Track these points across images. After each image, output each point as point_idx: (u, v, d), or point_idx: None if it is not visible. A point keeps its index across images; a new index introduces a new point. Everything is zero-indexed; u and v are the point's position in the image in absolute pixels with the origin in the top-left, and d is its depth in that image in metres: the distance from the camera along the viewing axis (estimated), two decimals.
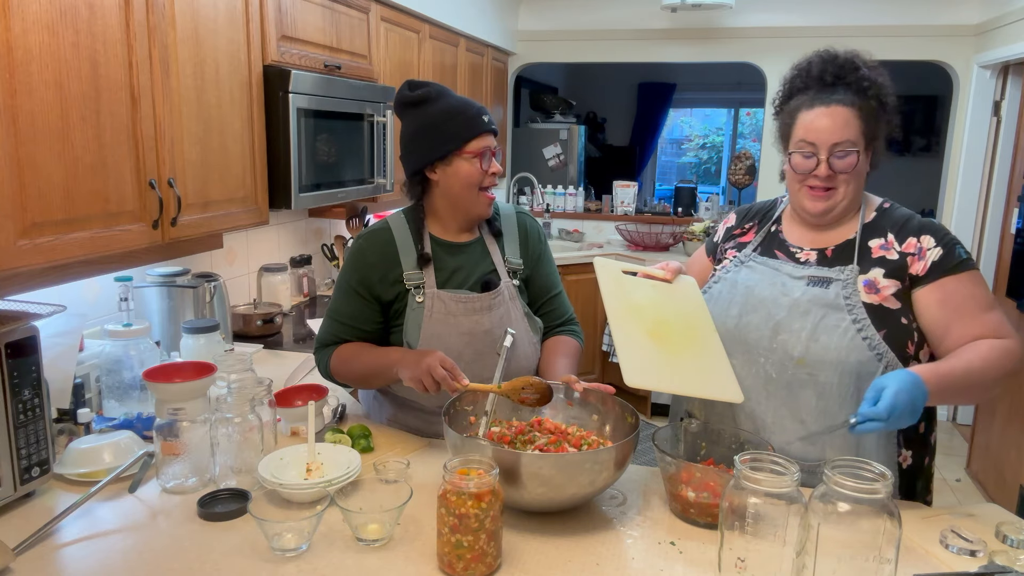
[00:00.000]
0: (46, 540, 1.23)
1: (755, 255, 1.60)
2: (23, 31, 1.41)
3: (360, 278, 1.64)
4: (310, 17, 2.46)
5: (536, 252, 1.75)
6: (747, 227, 1.68)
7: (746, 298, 1.53)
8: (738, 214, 1.72)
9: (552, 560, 1.19)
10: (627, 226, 4.86)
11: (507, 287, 1.67)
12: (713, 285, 1.63)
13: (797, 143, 1.48)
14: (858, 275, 1.46)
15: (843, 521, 1.02)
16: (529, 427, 1.48)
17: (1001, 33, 3.78)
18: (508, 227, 1.73)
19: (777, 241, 1.59)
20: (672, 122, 8.71)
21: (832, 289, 1.46)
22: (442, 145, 1.57)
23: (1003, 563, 1.16)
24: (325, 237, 3.45)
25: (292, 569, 1.15)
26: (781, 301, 1.49)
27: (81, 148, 1.57)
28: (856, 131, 1.44)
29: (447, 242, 1.67)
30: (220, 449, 1.41)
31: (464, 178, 1.59)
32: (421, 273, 1.62)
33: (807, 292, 1.47)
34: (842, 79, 1.49)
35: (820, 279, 1.48)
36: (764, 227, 1.63)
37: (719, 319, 1.55)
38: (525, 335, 1.68)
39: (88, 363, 1.77)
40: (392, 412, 1.76)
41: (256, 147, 2.23)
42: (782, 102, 1.58)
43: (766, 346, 1.48)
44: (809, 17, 4.44)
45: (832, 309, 1.44)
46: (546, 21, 4.91)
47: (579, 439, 1.43)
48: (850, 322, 1.42)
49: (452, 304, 1.62)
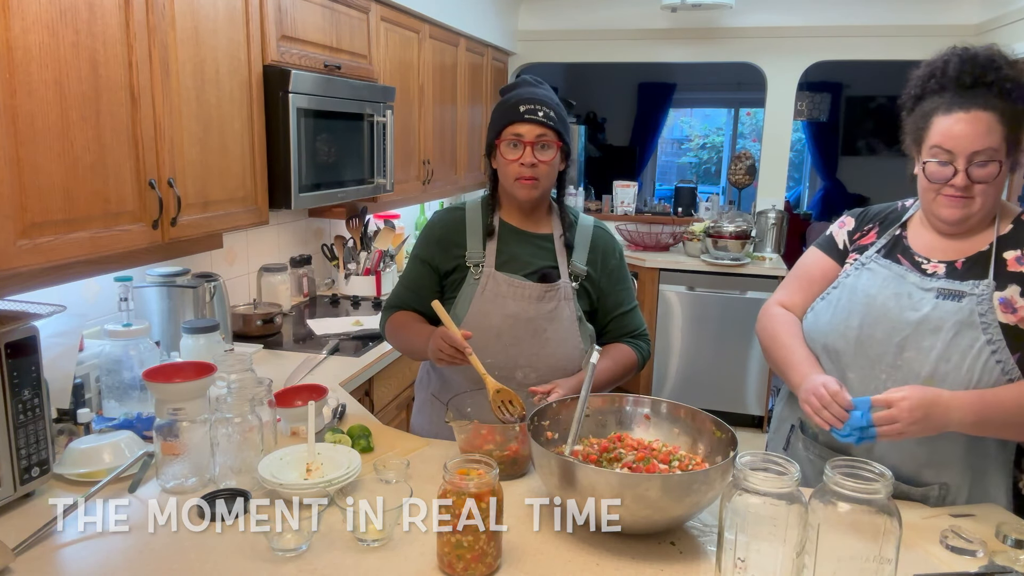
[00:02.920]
0: (46, 540, 1.23)
1: (878, 257, 1.48)
2: (23, 31, 1.41)
3: (424, 246, 1.78)
4: (310, 17, 2.46)
5: (610, 267, 1.78)
6: (867, 229, 1.56)
7: (867, 308, 1.43)
8: (856, 217, 1.59)
9: (552, 560, 1.19)
10: (627, 226, 4.86)
11: (565, 286, 1.71)
12: (831, 291, 1.51)
13: (932, 150, 1.36)
14: (994, 291, 1.35)
15: (843, 521, 1.02)
16: (612, 444, 1.43)
17: (1001, 33, 3.78)
18: (582, 236, 1.76)
19: (902, 247, 1.48)
20: (672, 122, 8.71)
21: (966, 304, 1.35)
22: (488, 134, 1.71)
23: (1003, 563, 1.16)
24: (325, 237, 3.45)
25: (292, 569, 1.15)
26: (909, 315, 1.38)
27: (81, 148, 1.57)
28: (998, 137, 1.32)
29: (515, 228, 1.75)
30: (220, 449, 1.40)
31: (502, 167, 1.68)
32: (483, 252, 1.71)
33: (938, 307, 1.37)
34: (982, 80, 1.35)
35: (952, 292, 1.36)
36: (888, 230, 1.51)
37: (837, 329, 1.45)
38: (571, 338, 1.71)
39: (88, 363, 1.77)
40: (438, 386, 1.83)
41: (256, 147, 2.23)
42: (914, 102, 1.45)
43: (890, 362, 1.39)
44: (809, 17, 4.44)
45: (966, 327, 1.33)
46: (546, 21, 4.91)
47: (667, 455, 1.38)
48: (984, 342, 1.32)
49: (504, 286, 1.69)
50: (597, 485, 1.18)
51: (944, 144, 1.35)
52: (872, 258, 1.49)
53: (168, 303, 2.16)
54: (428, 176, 3.57)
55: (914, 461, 1.41)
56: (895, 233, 1.50)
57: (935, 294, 1.38)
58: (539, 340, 1.68)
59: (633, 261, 4.51)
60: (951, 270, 1.41)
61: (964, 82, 1.37)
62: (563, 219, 1.76)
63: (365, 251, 3.31)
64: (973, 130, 1.32)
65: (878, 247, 1.50)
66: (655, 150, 8.42)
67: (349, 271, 3.27)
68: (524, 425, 1.38)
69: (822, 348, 1.49)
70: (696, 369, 4.39)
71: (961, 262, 1.41)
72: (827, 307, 1.50)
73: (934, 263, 1.43)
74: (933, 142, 1.37)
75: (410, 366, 2.64)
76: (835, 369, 1.46)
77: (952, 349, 1.34)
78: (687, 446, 1.44)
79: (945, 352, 1.34)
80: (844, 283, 1.50)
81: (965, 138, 1.32)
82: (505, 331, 1.68)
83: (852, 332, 1.43)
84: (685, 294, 4.37)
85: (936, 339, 1.35)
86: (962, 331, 1.34)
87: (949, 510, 1.39)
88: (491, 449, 1.43)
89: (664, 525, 1.24)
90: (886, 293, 1.42)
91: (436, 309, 1.59)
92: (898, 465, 1.36)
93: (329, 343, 2.43)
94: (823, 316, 1.50)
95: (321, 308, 3.02)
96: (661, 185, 8.67)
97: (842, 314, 1.46)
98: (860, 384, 1.42)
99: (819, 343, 1.49)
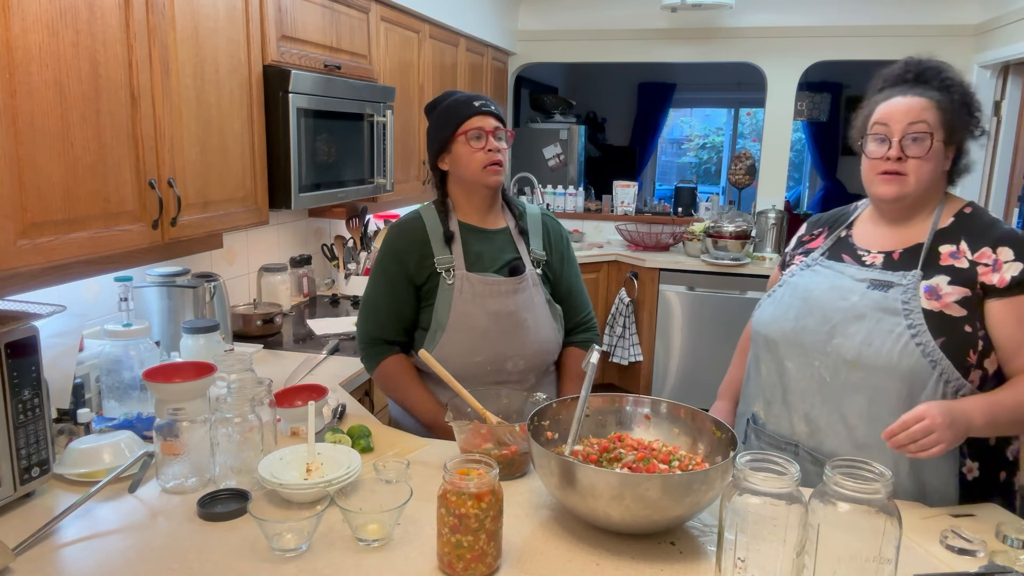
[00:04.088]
0: (46, 540, 1.23)
1: (821, 259, 1.58)
2: (23, 31, 1.41)
3: (395, 264, 1.78)
4: (310, 17, 2.46)
5: (560, 250, 1.88)
6: (816, 233, 1.67)
7: (804, 301, 1.52)
8: (809, 224, 1.72)
9: (552, 560, 1.19)
10: (627, 226, 4.86)
11: (531, 274, 1.80)
12: (777, 289, 1.62)
13: (872, 128, 1.46)
14: (920, 280, 1.42)
15: (843, 521, 1.02)
16: (612, 444, 1.43)
17: (1001, 33, 3.78)
18: (533, 224, 1.86)
19: (846, 245, 1.58)
20: (672, 122, 8.71)
21: (891, 293, 1.43)
22: (439, 134, 1.74)
23: (1003, 563, 1.16)
24: (325, 237, 3.45)
25: (292, 569, 1.15)
26: (839, 304, 1.47)
27: (81, 148, 1.57)
28: (934, 118, 1.40)
29: (473, 227, 1.80)
30: (220, 449, 1.40)
31: (465, 159, 1.72)
32: (451, 256, 1.75)
33: (866, 296, 1.45)
34: (923, 77, 1.46)
35: (881, 283, 1.45)
36: (834, 232, 1.62)
37: (776, 322, 1.55)
38: (546, 321, 1.82)
39: (88, 363, 1.77)
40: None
41: (256, 147, 2.23)
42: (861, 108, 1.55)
43: (821, 349, 1.47)
44: (809, 17, 4.44)
45: (888, 313, 1.41)
46: (546, 21, 4.91)
47: (667, 455, 1.38)
48: (905, 327, 1.39)
49: (480, 286, 1.74)
50: (597, 485, 1.18)
51: (881, 119, 1.44)
52: (816, 260, 1.59)
53: (168, 303, 2.16)
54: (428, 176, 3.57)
55: (852, 444, 1.44)
56: (840, 235, 1.61)
57: (867, 285, 1.47)
58: (522, 330, 1.77)
59: (633, 261, 4.51)
60: (888, 261, 1.49)
61: (907, 78, 1.49)
62: (512, 210, 1.86)
63: (365, 251, 3.31)
64: (908, 106, 1.42)
65: (823, 249, 1.60)
66: (655, 150, 8.42)
67: (349, 271, 3.27)
68: (524, 425, 1.38)
69: (764, 340, 1.58)
70: (696, 369, 4.39)
71: (898, 253, 1.49)
72: (771, 303, 1.60)
73: (874, 254, 1.52)
74: (873, 120, 1.47)
75: None
76: (775, 359, 1.55)
77: (874, 334, 1.41)
78: (687, 446, 1.44)
79: (867, 337, 1.42)
80: (789, 281, 1.60)
81: (900, 112, 1.42)
82: (491, 328, 1.74)
83: (789, 324, 1.53)
84: (685, 294, 4.37)
85: (861, 325, 1.43)
86: (884, 317, 1.42)
87: (949, 510, 1.40)
88: (490, 448, 1.43)
89: (664, 525, 1.24)
90: (823, 287, 1.52)
91: (426, 360, 1.56)
92: (835, 450, 1.44)
93: (329, 343, 2.43)
94: (766, 311, 1.60)
95: (321, 308, 3.02)
96: (661, 185, 8.68)
97: (782, 308, 1.56)
98: (798, 372, 1.51)
99: (761, 335, 1.59)
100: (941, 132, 1.41)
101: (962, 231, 1.45)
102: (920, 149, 1.41)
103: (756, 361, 1.62)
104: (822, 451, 1.48)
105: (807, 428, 1.50)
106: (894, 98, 1.45)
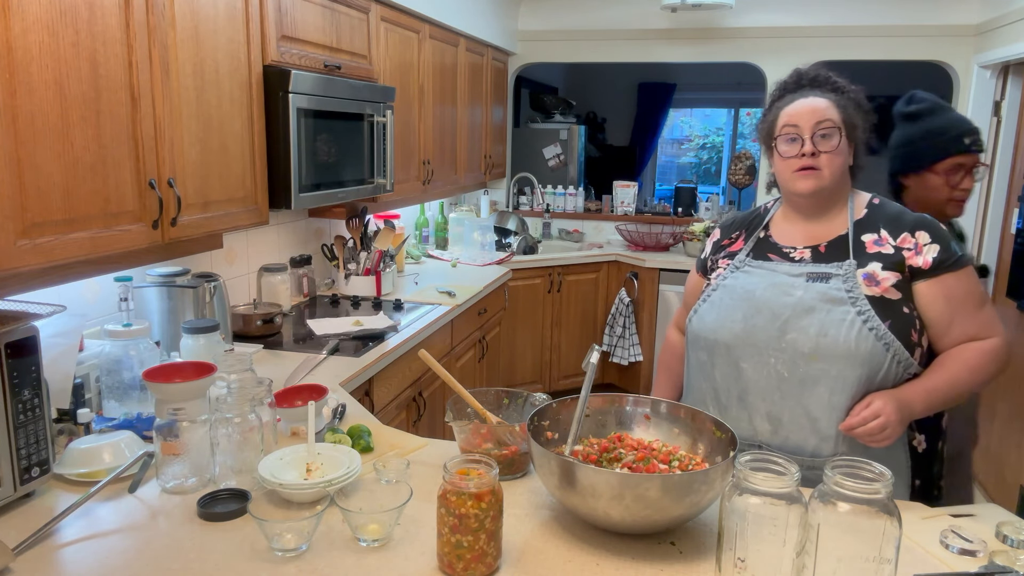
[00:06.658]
0: (46, 540, 1.23)
1: (749, 260, 1.62)
2: (23, 31, 1.41)
3: None
4: (310, 17, 2.46)
5: None
6: (735, 236, 1.70)
7: (748, 301, 1.55)
8: (723, 228, 1.76)
9: (552, 560, 1.19)
10: (627, 226, 4.86)
11: None
12: (712, 293, 1.63)
13: (782, 130, 1.54)
14: (856, 269, 1.49)
15: (843, 521, 1.02)
16: (612, 444, 1.43)
17: (1001, 33, 3.78)
18: None
19: (768, 245, 1.62)
20: (672, 122, 8.71)
21: (833, 283, 1.48)
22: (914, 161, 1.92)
23: (1003, 563, 1.16)
24: (325, 237, 3.45)
25: (292, 569, 1.15)
26: (785, 300, 1.50)
27: (81, 148, 1.57)
28: (836, 116, 1.50)
29: None
30: (220, 449, 1.40)
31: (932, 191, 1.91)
32: None
33: (809, 289, 1.49)
34: (815, 82, 1.58)
35: (819, 275, 1.50)
36: (753, 234, 1.66)
37: (724, 325, 1.56)
38: None
39: (88, 363, 1.77)
40: None
41: (256, 147, 2.23)
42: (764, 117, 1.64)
43: (775, 346, 1.49)
44: (809, 17, 4.44)
45: (836, 303, 1.46)
46: (546, 21, 4.91)
47: (667, 455, 1.38)
48: (855, 314, 1.45)
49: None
50: (597, 485, 1.18)
51: (790, 121, 1.52)
52: (744, 261, 1.62)
53: (168, 303, 2.16)
54: (428, 176, 3.57)
55: (816, 436, 1.48)
56: (760, 235, 1.65)
57: (805, 278, 1.52)
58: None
59: (633, 261, 4.51)
60: (816, 255, 1.55)
61: (803, 83, 1.60)
62: None
63: (365, 251, 3.31)
64: (813, 106, 1.51)
65: (747, 250, 1.64)
66: (655, 150, 8.42)
67: (349, 271, 3.27)
68: (524, 425, 1.38)
69: (713, 344, 1.58)
70: None
71: (824, 246, 1.55)
72: (711, 308, 1.61)
73: (800, 250, 1.57)
74: (781, 123, 1.54)
75: (410, 366, 2.64)
76: (728, 362, 1.56)
77: (828, 324, 1.46)
78: (687, 446, 1.44)
79: (822, 328, 1.46)
80: (723, 284, 1.62)
81: (807, 112, 1.51)
82: None
83: (738, 325, 1.54)
84: None
85: (812, 318, 1.47)
86: (833, 307, 1.47)
87: (949, 510, 1.40)
88: (490, 448, 1.43)
89: (664, 525, 1.24)
90: (763, 286, 1.55)
91: (426, 359, 1.53)
92: (801, 444, 1.49)
93: (329, 343, 2.43)
94: (708, 316, 1.61)
95: (321, 308, 3.02)
96: (661, 185, 8.67)
97: (726, 311, 1.57)
98: (754, 371, 1.52)
99: (709, 340, 1.59)
100: (844, 128, 1.51)
101: (879, 220, 1.54)
102: (830, 144, 1.50)
103: (702, 368, 1.62)
104: (787, 447, 1.50)
105: (770, 426, 1.51)
106: (797, 101, 1.54)
